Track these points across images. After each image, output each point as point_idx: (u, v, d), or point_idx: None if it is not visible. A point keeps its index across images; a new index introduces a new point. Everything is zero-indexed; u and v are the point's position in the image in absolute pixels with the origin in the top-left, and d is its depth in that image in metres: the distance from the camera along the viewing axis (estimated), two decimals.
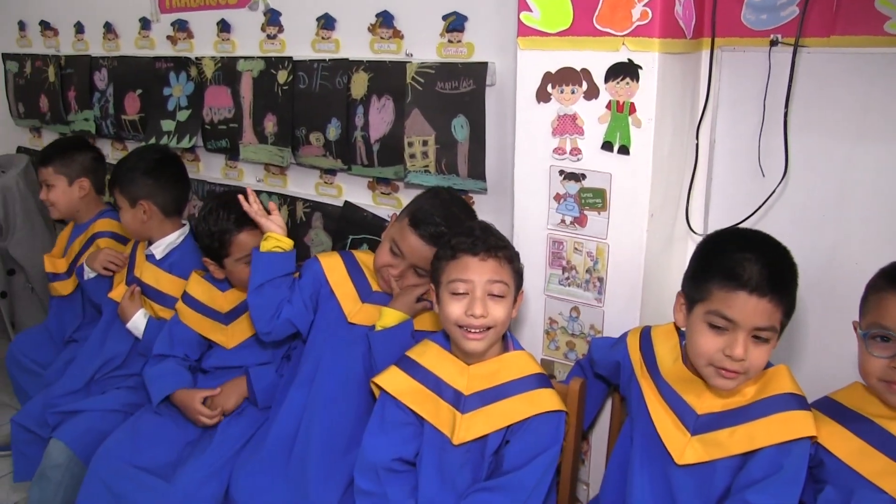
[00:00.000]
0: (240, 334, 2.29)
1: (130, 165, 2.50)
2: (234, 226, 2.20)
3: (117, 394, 2.41)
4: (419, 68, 2.31)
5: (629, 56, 1.77)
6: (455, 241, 1.70)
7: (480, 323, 1.64)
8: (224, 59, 2.85)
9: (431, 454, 1.71)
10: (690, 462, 1.52)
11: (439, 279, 1.71)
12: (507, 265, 1.68)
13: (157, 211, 2.47)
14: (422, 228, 1.93)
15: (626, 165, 1.82)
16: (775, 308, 1.44)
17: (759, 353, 1.47)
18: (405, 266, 1.97)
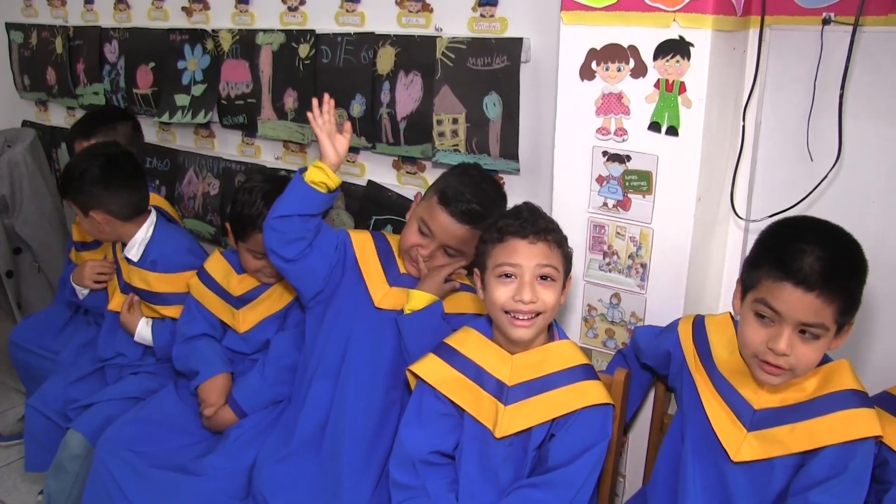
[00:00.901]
0: (249, 321, 2.22)
1: (77, 174, 2.30)
2: (262, 222, 2.05)
3: (133, 380, 2.35)
4: (450, 43, 2.23)
5: (680, 33, 1.69)
6: (502, 223, 1.62)
7: (529, 308, 1.57)
8: (242, 32, 2.75)
9: (472, 447, 1.64)
10: (747, 459, 1.46)
11: (485, 263, 1.64)
12: (556, 249, 1.61)
13: (113, 219, 2.33)
14: (452, 206, 1.86)
15: (675, 147, 1.75)
16: (826, 304, 1.35)
17: (806, 351, 1.39)
18: (435, 246, 1.90)
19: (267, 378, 2.10)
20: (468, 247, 1.89)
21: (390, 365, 1.89)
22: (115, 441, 2.03)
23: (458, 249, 1.91)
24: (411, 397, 1.72)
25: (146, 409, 2.15)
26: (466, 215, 1.86)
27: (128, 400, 2.27)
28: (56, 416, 2.35)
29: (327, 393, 1.91)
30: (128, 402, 2.26)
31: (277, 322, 2.21)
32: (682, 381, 1.63)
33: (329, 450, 1.86)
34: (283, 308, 2.21)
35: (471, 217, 1.86)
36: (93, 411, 2.25)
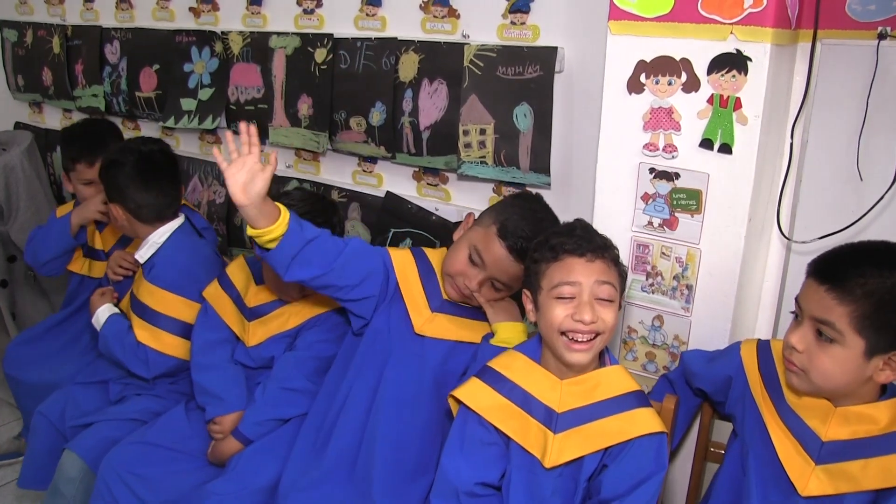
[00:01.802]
0: (259, 335, 2.10)
1: (111, 161, 2.21)
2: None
3: (136, 400, 2.22)
4: (478, 51, 2.14)
5: (738, 46, 1.61)
6: (556, 241, 1.54)
7: (590, 329, 1.48)
8: (254, 35, 2.65)
9: (520, 477, 1.55)
10: (815, 494, 1.39)
11: (539, 284, 1.55)
12: (613, 267, 1.53)
13: (130, 216, 2.23)
14: (510, 240, 1.75)
15: (727, 165, 1.67)
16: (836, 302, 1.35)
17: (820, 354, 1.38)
18: (484, 277, 1.80)
19: (269, 401, 1.99)
20: (516, 283, 1.80)
21: (432, 393, 1.80)
22: (119, 464, 1.93)
23: (506, 285, 1.81)
24: (453, 424, 1.62)
25: (153, 432, 2.04)
26: (521, 252, 1.75)
27: (128, 422, 2.15)
28: (59, 422, 2.23)
29: (359, 418, 1.82)
30: (128, 423, 2.14)
31: (286, 341, 2.09)
32: (745, 409, 1.56)
33: (361, 476, 1.76)
34: (295, 328, 2.09)
35: (524, 254, 1.73)
36: (91, 432, 2.12)
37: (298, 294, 2.05)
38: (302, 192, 2.21)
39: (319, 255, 1.74)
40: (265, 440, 1.94)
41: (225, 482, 1.85)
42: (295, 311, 2.09)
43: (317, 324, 2.07)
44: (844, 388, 1.38)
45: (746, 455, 1.51)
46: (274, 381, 2.00)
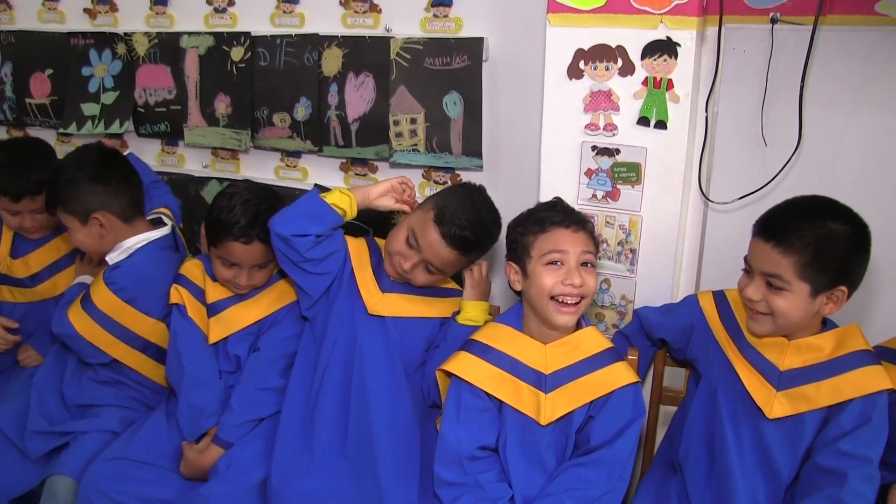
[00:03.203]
0: (218, 333, 2.11)
1: (69, 177, 2.10)
2: (239, 231, 1.99)
3: (114, 411, 2.17)
4: (405, 44, 2.24)
5: (668, 34, 1.81)
6: (542, 214, 1.72)
7: (577, 292, 1.66)
8: (161, 35, 2.62)
9: (514, 437, 1.70)
10: (780, 416, 1.62)
11: (528, 253, 1.70)
12: (591, 238, 1.72)
13: (116, 220, 2.12)
14: (446, 227, 1.86)
15: (663, 139, 1.88)
16: (781, 256, 1.56)
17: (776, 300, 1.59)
18: (418, 259, 1.91)
19: (246, 404, 2.02)
20: (450, 269, 1.94)
21: (403, 368, 1.91)
22: (101, 480, 1.92)
23: (439, 269, 1.92)
24: (448, 396, 1.75)
25: (133, 445, 2.02)
26: (457, 240, 1.87)
27: (109, 434, 2.11)
28: (17, 437, 2.13)
29: (340, 403, 1.90)
30: (109, 435, 2.10)
31: (249, 339, 2.13)
32: (708, 352, 1.77)
33: (358, 459, 1.84)
34: (255, 324, 2.12)
35: (461, 243, 1.87)
36: (75, 451, 2.06)
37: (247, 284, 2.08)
38: (248, 183, 2.22)
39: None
40: (247, 441, 1.98)
41: (220, 483, 1.87)
42: (251, 305, 2.13)
43: (277, 320, 2.11)
44: (798, 324, 1.62)
45: (715, 391, 1.73)
46: (248, 384, 2.04)
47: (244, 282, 2.08)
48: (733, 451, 1.66)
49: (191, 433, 2.03)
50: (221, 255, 2.05)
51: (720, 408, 1.71)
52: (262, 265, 2.09)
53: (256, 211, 2.01)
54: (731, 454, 1.66)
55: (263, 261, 2.07)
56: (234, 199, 2.02)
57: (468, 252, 1.91)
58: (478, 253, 1.96)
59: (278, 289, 2.15)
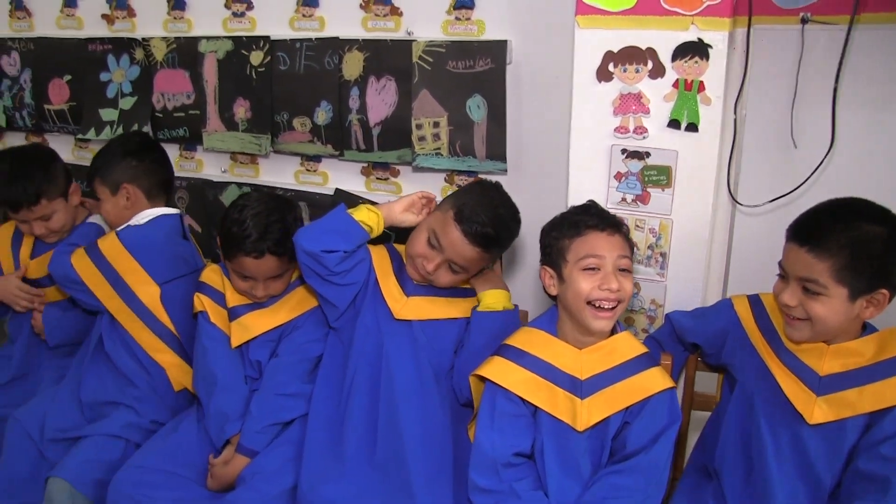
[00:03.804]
0: (239, 336, 2.10)
1: (111, 150, 2.32)
2: (250, 246, 1.98)
3: (117, 414, 2.15)
4: (427, 47, 2.22)
5: (699, 35, 1.79)
6: (576, 218, 1.70)
7: (615, 297, 1.64)
8: (179, 40, 2.60)
9: (550, 443, 1.68)
10: (820, 421, 1.59)
11: (563, 258, 1.69)
12: (627, 242, 1.70)
13: (142, 195, 2.27)
14: (466, 225, 1.85)
15: (694, 142, 1.85)
16: (816, 260, 1.54)
17: (814, 305, 1.56)
18: (441, 260, 1.89)
19: (266, 409, 2.01)
20: (473, 267, 1.92)
21: (433, 372, 1.89)
22: (128, 484, 1.90)
23: (463, 267, 1.91)
24: (482, 402, 1.73)
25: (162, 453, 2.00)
26: (479, 237, 1.85)
27: (108, 438, 2.09)
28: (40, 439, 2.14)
29: (369, 410, 1.88)
30: (108, 439, 2.09)
31: (270, 345, 2.11)
32: (744, 356, 1.75)
33: (388, 466, 1.82)
34: (276, 329, 2.11)
35: (483, 240, 1.86)
36: (75, 454, 2.05)
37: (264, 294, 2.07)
38: (259, 194, 2.21)
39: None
40: (273, 448, 1.96)
41: (247, 490, 1.85)
42: (273, 311, 2.11)
43: (298, 325, 2.09)
44: (837, 329, 1.59)
45: (751, 397, 1.70)
46: (267, 389, 2.02)
47: (260, 293, 2.07)
48: (772, 458, 1.63)
49: (218, 439, 2.02)
50: (235, 268, 2.05)
51: (757, 413, 1.68)
52: (278, 276, 2.07)
53: (267, 223, 1.99)
54: (769, 460, 1.63)
55: (277, 273, 2.06)
56: (244, 211, 2.01)
57: (490, 248, 1.89)
58: (499, 249, 1.96)
59: (298, 295, 2.13)
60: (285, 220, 2.02)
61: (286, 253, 2.01)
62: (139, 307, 2.20)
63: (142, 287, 2.19)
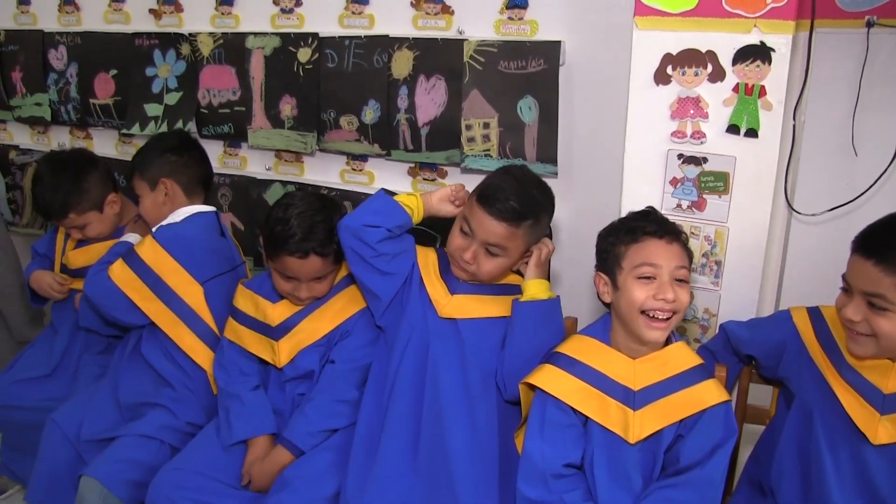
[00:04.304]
0: (288, 351, 2.07)
1: (150, 146, 2.31)
2: (294, 246, 1.95)
3: (153, 415, 2.14)
4: (479, 46, 2.19)
5: (762, 38, 1.74)
6: (634, 224, 1.65)
7: (670, 307, 1.59)
8: (227, 36, 2.59)
9: (601, 455, 1.64)
10: (885, 442, 1.53)
11: (619, 264, 1.64)
12: (685, 251, 1.64)
13: (180, 190, 2.25)
14: (490, 203, 1.81)
15: (753, 148, 1.80)
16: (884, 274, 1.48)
17: (881, 321, 1.50)
18: (477, 245, 1.84)
19: (323, 413, 1.98)
20: (512, 244, 1.84)
21: (480, 376, 1.86)
22: (168, 487, 1.88)
23: (500, 247, 1.85)
24: (531, 410, 1.69)
25: (200, 457, 1.99)
26: (505, 213, 1.80)
27: (142, 438, 2.07)
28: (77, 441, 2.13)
29: (412, 412, 1.85)
30: (141, 440, 2.07)
31: (319, 351, 2.07)
32: (802, 371, 1.69)
33: (431, 472, 1.79)
34: (325, 336, 2.07)
35: (510, 214, 1.80)
36: (108, 454, 2.04)
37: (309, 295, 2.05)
38: (304, 193, 2.18)
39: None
40: (317, 453, 1.93)
41: (289, 494, 1.83)
42: (320, 318, 2.08)
43: (348, 329, 2.06)
44: None
45: (810, 413, 1.65)
46: (326, 393, 1.99)
47: (304, 294, 2.03)
48: (832, 477, 1.58)
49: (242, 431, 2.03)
50: (278, 268, 2.01)
51: (816, 430, 1.63)
52: (322, 277, 2.04)
53: (312, 223, 1.96)
54: (829, 479, 1.58)
55: (321, 274, 2.03)
56: (289, 210, 1.97)
57: (518, 222, 1.81)
58: (531, 222, 1.85)
59: (345, 297, 2.09)
60: (331, 221, 1.99)
61: (331, 254, 1.99)
62: (182, 309, 2.17)
63: (185, 288, 2.17)
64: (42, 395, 2.34)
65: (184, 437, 2.12)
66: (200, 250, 2.22)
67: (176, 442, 2.10)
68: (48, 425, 2.15)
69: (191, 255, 2.18)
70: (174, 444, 2.09)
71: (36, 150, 3.13)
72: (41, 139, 3.18)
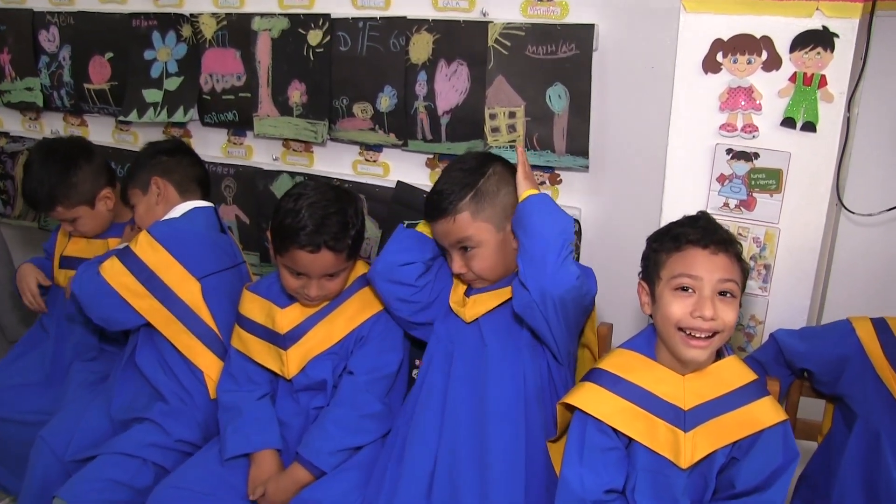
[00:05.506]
0: (298, 361, 1.92)
1: (141, 154, 2.21)
2: (305, 238, 1.79)
3: (138, 431, 1.98)
4: (504, 30, 2.03)
5: (824, 23, 1.59)
6: (679, 230, 1.49)
7: (708, 326, 1.43)
8: (231, 17, 2.43)
9: (646, 480, 1.50)
10: None
11: (657, 274, 1.50)
12: (736, 263, 1.48)
13: (172, 189, 2.12)
14: (426, 208, 1.77)
15: (810, 144, 1.66)
16: None
17: None
18: (450, 254, 1.77)
19: (348, 430, 1.83)
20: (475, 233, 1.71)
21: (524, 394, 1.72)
22: None
23: (468, 239, 1.72)
24: (569, 433, 1.55)
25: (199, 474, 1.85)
26: (430, 210, 1.75)
27: (122, 457, 1.92)
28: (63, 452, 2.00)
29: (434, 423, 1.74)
30: (121, 458, 1.92)
31: (332, 359, 1.92)
32: (867, 388, 1.56)
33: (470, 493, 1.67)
34: (338, 343, 1.92)
35: (433, 209, 1.74)
36: (85, 474, 1.89)
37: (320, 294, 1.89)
38: (316, 183, 2.03)
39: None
40: (339, 473, 1.80)
41: None
42: (332, 324, 1.93)
43: (364, 335, 1.92)
44: None
45: (877, 435, 1.52)
46: (347, 407, 1.85)
47: (314, 292, 1.87)
48: None
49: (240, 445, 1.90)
50: (287, 263, 1.85)
51: (885, 453, 1.50)
52: (334, 274, 1.88)
53: (324, 215, 1.80)
54: None
55: (333, 270, 1.86)
56: (300, 201, 1.82)
57: (445, 211, 1.71)
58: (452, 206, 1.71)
59: (360, 300, 1.94)
60: (345, 213, 1.84)
61: (344, 249, 1.84)
62: (179, 307, 2.02)
63: (181, 285, 2.02)
64: (31, 407, 2.20)
65: (173, 455, 1.97)
66: (197, 245, 2.08)
67: (162, 460, 1.94)
68: (37, 442, 2.01)
69: (187, 250, 2.04)
70: (159, 463, 1.93)
71: (28, 137, 2.97)
72: (33, 126, 3.01)
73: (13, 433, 2.19)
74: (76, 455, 1.98)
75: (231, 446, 1.88)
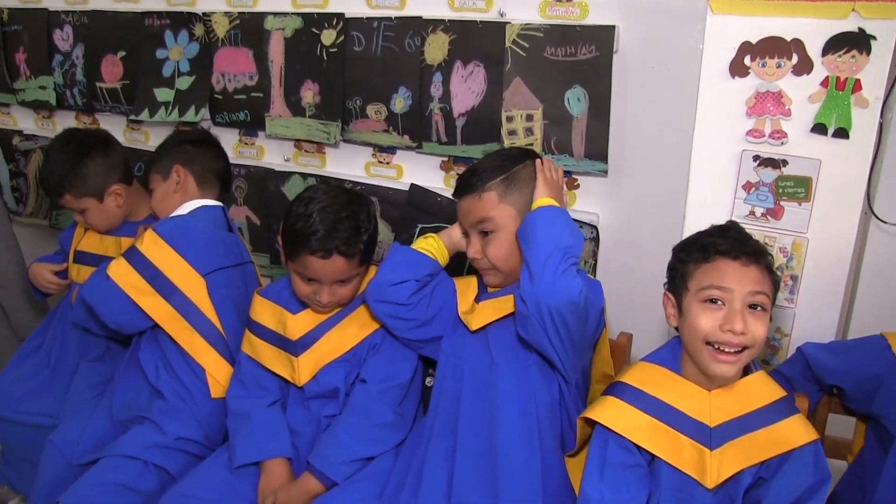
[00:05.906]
0: (309, 369, 1.86)
1: (167, 141, 2.21)
2: (316, 244, 1.74)
3: (137, 432, 1.94)
4: (522, 30, 1.98)
5: (861, 24, 1.52)
6: (707, 240, 1.43)
7: (738, 341, 1.38)
8: (244, 16, 2.39)
9: (669, 499, 1.44)
10: None
11: (685, 285, 1.44)
12: (767, 275, 1.41)
13: (192, 180, 2.10)
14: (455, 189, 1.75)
15: (842, 151, 1.59)
16: None
17: None
18: (472, 237, 1.72)
19: (361, 439, 1.78)
20: (497, 215, 1.67)
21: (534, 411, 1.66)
22: None
23: (489, 221, 1.68)
24: (590, 448, 1.49)
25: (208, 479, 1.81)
26: (460, 187, 1.73)
27: (123, 459, 1.87)
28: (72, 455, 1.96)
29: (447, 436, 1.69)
30: (122, 460, 1.87)
31: (344, 366, 1.87)
32: None
33: None
34: (350, 350, 1.87)
35: (464, 186, 1.72)
36: (87, 479, 1.84)
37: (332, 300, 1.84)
38: (328, 186, 1.98)
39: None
40: (353, 484, 1.73)
41: None
42: (344, 331, 1.88)
43: (377, 342, 1.86)
44: None
45: None
46: (360, 416, 1.79)
47: (326, 298, 1.82)
48: None
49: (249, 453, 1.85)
50: (298, 269, 1.80)
51: None
52: (346, 280, 1.83)
53: (336, 219, 1.75)
54: None
55: (345, 276, 1.81)
56: (311, 205, 1.77)
57: (475, 185, 1.69)
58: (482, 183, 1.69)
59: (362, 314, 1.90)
60: (357, 217, 1.79)
61: (356, 254, 1.78)
62: (183, 304, 1.98)
63: (186, 281, 1.98)
64: (39, 409, 2.16)
65: (173, 454, 1.91)
66: (202, 241, 2.04)
67: (162, 461, 1.89)
68: (47, 447, 1.96)
69: (191, 246, 2.01)
70: (160, 464, 1.88)
71: (40, 135, 2.94)
72: (46, 125, 2.98)
73: (21, 435, 2.17)
74: (83, 458, 1.94)
75: (240, 454, 1.83)
